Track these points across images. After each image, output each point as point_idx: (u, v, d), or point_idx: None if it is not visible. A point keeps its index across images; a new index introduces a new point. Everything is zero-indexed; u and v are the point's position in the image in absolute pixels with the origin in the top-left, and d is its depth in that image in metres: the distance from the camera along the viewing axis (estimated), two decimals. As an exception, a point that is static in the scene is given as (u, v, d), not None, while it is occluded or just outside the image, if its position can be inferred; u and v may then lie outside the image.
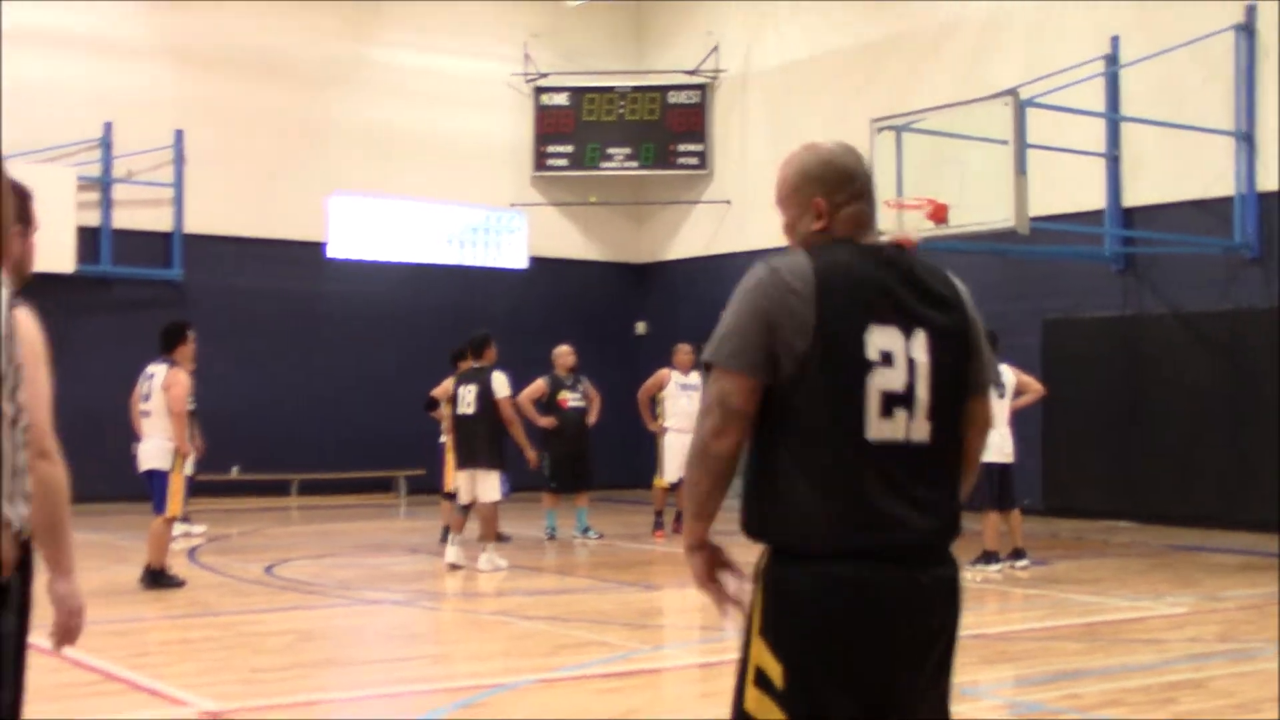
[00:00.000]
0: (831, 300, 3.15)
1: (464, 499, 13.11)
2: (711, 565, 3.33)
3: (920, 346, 3.22)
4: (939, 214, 14.65)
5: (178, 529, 15.51)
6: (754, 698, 3.18)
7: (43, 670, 3.67)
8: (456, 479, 13.29)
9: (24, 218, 3.74)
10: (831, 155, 3.40)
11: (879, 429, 3.15)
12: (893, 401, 3.17)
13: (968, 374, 3.34)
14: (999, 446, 12.17)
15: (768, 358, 3.15)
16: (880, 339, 3.17)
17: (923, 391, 3.20)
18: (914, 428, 3.19)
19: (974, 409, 3.39)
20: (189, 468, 11.52)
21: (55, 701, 6.89)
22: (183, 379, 11.54)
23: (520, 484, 16.71)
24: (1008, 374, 12.79)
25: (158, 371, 11.59)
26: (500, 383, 13.01)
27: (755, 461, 3.26)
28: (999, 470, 12.33)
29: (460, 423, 13.23)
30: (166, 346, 11.73)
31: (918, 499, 3.18)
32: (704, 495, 3.23)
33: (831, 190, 3.34)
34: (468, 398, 13.08)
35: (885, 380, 3.16)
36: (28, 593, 3.44)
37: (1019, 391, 12.99)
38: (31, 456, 3.20)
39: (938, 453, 3.24)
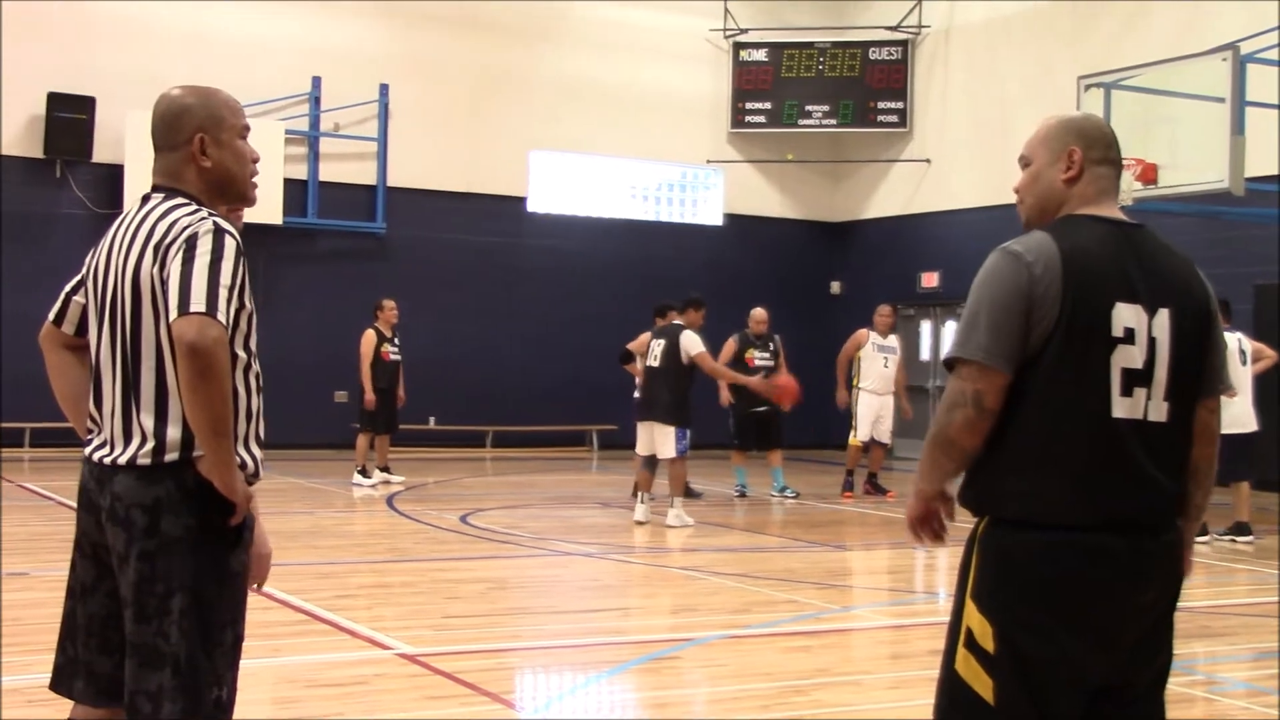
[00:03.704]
0: (1078, 278, 3.13)
1: (642, 450, 13.16)
2: (936, 513, 3.31)
3: (1162, 326, 3.20)
4: (1148, 174, 14.21)
5: (377, 476, 15.96)
6: (963, 658, 3.20)
7: (253, 608, 3.78)
8: (638, 430, 13.34)
9: None
10: (1094, 118, 3.47)
11: (1119, 406, 3.14)
12: (1133, 379, 3.16)
13: (1206, 360, 3.30)
14: (1238, 417, 11.79)
15: (1018, 348, 3.13)
16: (1126, 316, 3.15)
17: (1161, 372, 3.19)
18: (1151, 407, 3.18)
19: (1204, 416, 3.32)
20: None
21: (264, 640, 7.11)
22: None
23: (710, 441, 16.73)
24: (1244, 341, 12.55)
25: None
26: (690, 340, 12.93)
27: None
28: (1241, 440, 11.91)
29: (646, 374, 13.31)
30: None
31: (1150, 476, 3.17)
32: (945, 475, 3.27)
33: (1089, 145, 3.34)
34: (656, 350, 13.13)
35: (1127, 357, 3.15)
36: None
37: (1255, 357, 12.68)
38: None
39: (1172, 432, 3.22)
